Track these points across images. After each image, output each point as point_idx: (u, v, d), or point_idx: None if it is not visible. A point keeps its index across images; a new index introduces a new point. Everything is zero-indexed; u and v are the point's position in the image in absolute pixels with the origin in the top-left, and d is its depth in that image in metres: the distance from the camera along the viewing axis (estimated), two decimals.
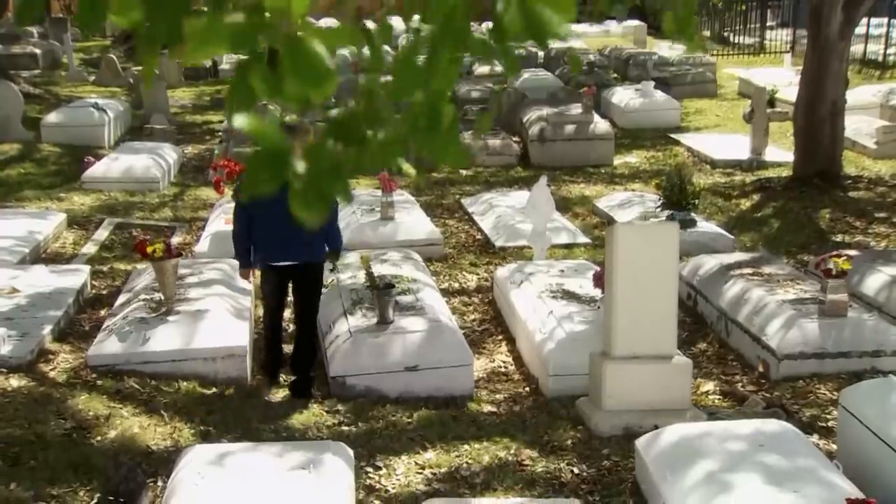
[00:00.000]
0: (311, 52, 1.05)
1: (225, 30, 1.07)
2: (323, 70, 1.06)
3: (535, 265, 7.94)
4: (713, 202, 11.24)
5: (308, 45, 1.06)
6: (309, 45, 1.06)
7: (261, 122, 1.05)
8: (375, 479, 5.13)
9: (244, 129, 1.07)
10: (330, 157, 1.09)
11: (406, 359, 6.20)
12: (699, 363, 6.93)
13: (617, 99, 16.99)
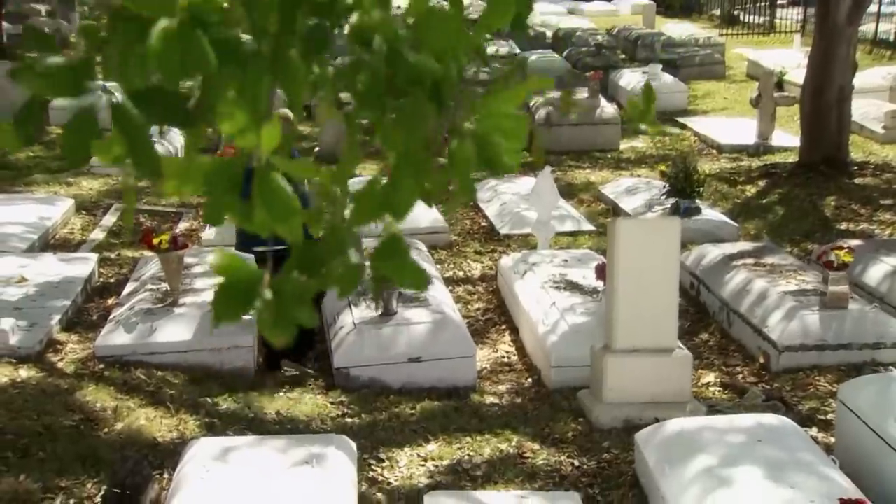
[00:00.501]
0: (278, 189, 1.11)
1: (198, 169, 1.13)
2: (289, 207, 1.12)
3: (539, 255, 7.99)
4: (718, 188, 11.25)
5: (276, 182, 1.11)
6: (277, 183, 1.11)
7: (228, 259, 1.10)
8: (378, 471, 5.21)
9: (212, 267, 1.13)
10: (295, 286, 1.15)
11: (409, 350, 6.27)
12: (701, 354, 6.99)
13: (624, 81, 16.96)
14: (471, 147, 1.20)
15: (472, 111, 1.22)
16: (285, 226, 1.15)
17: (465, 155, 1.19)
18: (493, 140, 1.22)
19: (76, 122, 1.15)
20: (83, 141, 1.13)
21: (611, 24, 26.85)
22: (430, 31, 1.20)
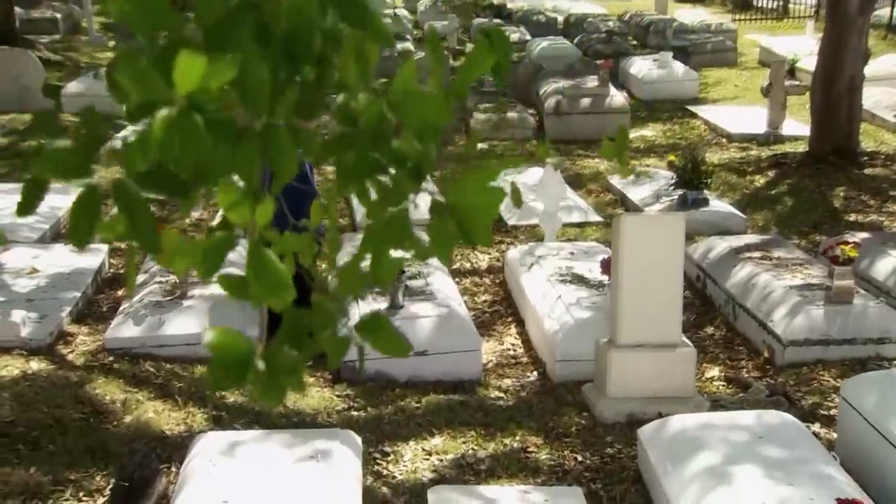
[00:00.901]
0: (271, 265, 1.16)
1: (195, 247, 1.18)
2: (282, 282, 1.17)
3: (546, 247, 8.02)
4: (727, 179, 11.24)
5: (268, 258, 1.16)
6: (269, 258, 1.16)
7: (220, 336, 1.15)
8: (383, 465, 5.28)
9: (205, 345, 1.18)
10: (286, 358, 1.20)
11: (415, 344, 6.31)
12: (706, 347, 7.02)
13: (635, 69, 16.91)
14: (451, 224, 1.26)
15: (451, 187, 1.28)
16: (276, 299, 1.20)
17: (446, 232, 1.25)
18: (469, 214, 1.27)
19: (81, 204, 1.21)
20: (88, 221, 1.19)
21: (623, 9, 26.71)
22: (412, 110, 1.25)
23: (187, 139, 1.07)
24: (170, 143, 1.07)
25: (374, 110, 1.23)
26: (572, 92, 13.67)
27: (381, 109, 1.23)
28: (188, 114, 1.07)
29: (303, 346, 1.26)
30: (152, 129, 1.07)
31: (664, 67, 16.69)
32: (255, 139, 1.16)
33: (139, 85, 1.07)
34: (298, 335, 1.25)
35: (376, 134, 1.23)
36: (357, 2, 1.18)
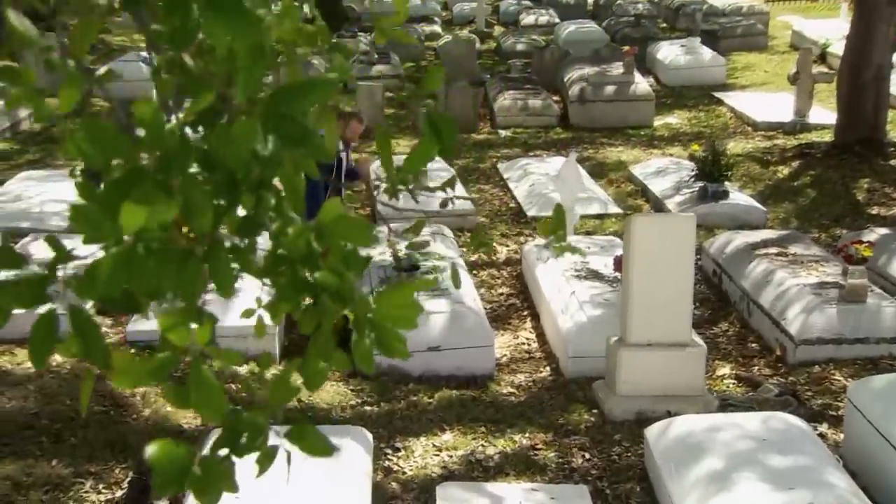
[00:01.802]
0: (207, 380, 1.26)
1: (143, 366, 1.29)
2: (216, 396, 1.27)
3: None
4: (750, 169, 11.21)
5: (206, 374, 1.27)
6: (207, 374, 1.27)
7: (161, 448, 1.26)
8: (394, 460, 5.40)
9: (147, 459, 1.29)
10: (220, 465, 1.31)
11: (429, 339, 6.43)
12: (719, 344, 7.07)
13: (662, 55, 16.83)
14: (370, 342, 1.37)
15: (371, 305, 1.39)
16: (209, 411, 1.31)
17: (365, 349, 1.37)
18: (389, 329, 1.37)
19: (38, 329, 1.33)
20: (47, 344, 1.31)
21: None
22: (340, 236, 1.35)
23: (134, 275, 1.17)
24: (117, 280, 1.17)
25: (303, 239, 1.33)
26: (597, 79, 13.67)
27: (309, 238, 1.34)
28: (134, 251, 1.17)
29: (237, 453, 1.37)
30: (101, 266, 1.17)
31: (691, 53, 16.60)
32: (198, 262, 1.26)
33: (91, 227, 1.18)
34: (232, 442, 1.35)
35: (304, 260, 1.34)
36: (296, 123, 1.27)
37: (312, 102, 1.29)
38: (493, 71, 17.22)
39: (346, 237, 1.36)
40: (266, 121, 1.23)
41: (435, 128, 1.55)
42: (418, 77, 17.70)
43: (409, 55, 18.98)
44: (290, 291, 1.34)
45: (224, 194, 1.27)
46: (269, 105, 1.24)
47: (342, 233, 1.35)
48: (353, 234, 1.36)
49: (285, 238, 1.33)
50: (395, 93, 15.79)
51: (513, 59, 17.90)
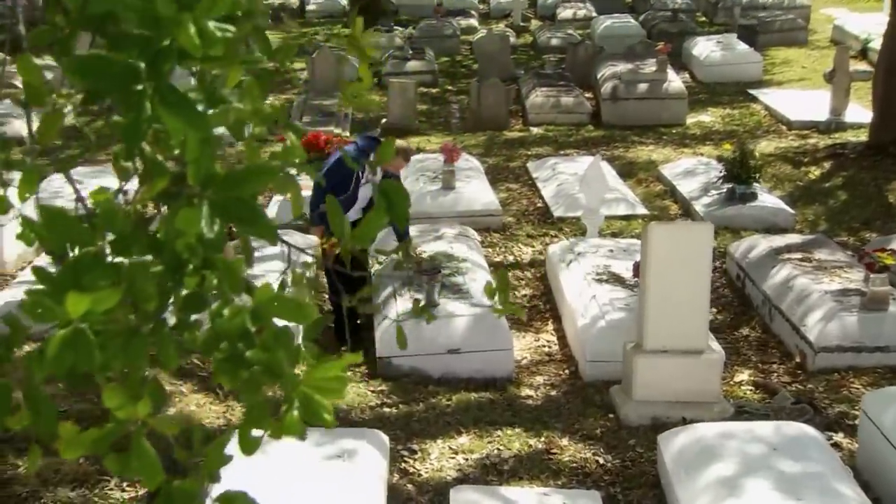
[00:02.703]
0: (147, 452, 1.38)
1: (87, 438, 1.41)
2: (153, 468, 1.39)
3: (586, 243, 8.13)
4: (781, 170, 11.15)
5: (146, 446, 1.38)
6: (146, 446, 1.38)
7: None
8: (410, 462, 5.52)
9: None
10: None
11: (449, 342, 6.54)
12: (739, 349, 7.10)
13: (697, 51, 16.71)
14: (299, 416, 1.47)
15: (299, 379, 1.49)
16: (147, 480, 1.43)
17: (293, 419, 1.47)
18: (316, 400, 1.47)
19: None
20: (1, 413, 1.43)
21: None
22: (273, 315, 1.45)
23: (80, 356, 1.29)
24: (63, 360, 1.29)
25: (239, 318, 1.44)
26: (629, 77, 13.64)
27: (244, 319, 1.44)
28: (81, 333, 1.29)
29: None
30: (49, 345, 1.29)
31: (727, 49, 16.47)
32: (143, 340, 1.38)
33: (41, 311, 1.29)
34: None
35: (240, 337, 1.44)
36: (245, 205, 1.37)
37: (258, 187, 1.40)
38: (527, 66, 17.24)
39: (282, 316, 1.47)
40: (215, 204, 1.34)
41: (387, 197, 1.65)
42: (453, 72, 17.79)
43: (445, 49, 19.05)
44: (226, 366, 1.45)
45: (170, 275, 1.38)
46: (219, 190, 1.35)
47: (277, 312, 1.45)
48: (288, 313, 1.47)
49: (221, 319, 1.44)
50: (428, 88, 15.87)
51: (548, 54, 17.90)
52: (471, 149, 12.51)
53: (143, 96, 1.25)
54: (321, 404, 1.47)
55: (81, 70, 1.26)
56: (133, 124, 1.26)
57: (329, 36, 21.94)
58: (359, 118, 14.40)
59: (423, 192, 9.61)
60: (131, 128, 1.26)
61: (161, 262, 1.38)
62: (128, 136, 1.28)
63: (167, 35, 1.24)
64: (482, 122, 13.35)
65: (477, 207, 9.38)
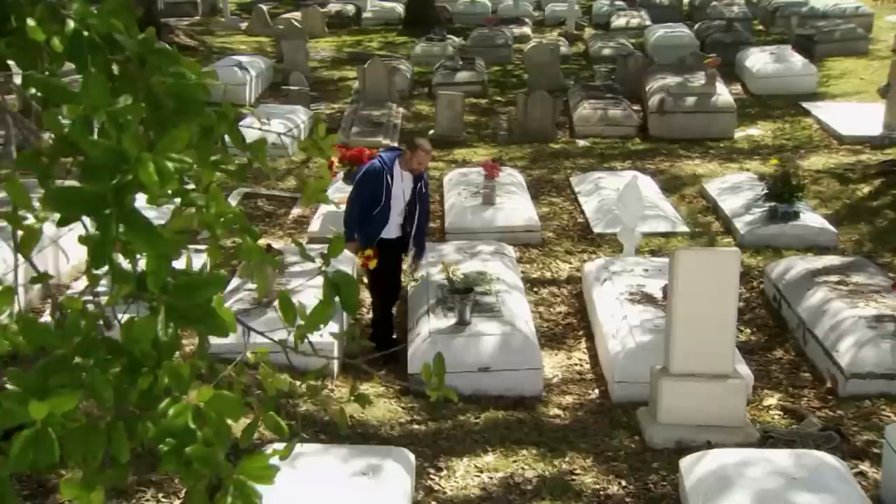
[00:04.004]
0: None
1: None
2: None
3: (622, 262, 8.19)
4: (829, 186, 11.05)
5: None
6: None
7: None
8: (435, 479, 5.66)
9: None
10: None
11: (479, 360, 6.67)
12: (771, 372, 7.11)
13: (750, 62, 16.58)
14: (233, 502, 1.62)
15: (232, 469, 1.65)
16: None
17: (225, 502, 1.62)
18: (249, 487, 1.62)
19: None
20: None
21: None
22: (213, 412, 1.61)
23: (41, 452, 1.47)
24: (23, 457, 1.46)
25: (183, 419, 1.60)
26: (677, 90, 13.62)
27: (187, 418, 1.60)
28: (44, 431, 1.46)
29: None
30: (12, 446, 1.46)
31: (781, 61, 16.30)
32: (100, 435, 1.55)
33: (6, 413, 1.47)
34: None
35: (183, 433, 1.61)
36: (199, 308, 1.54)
37: (208, 295, 1.56)
38: (577, 77, 17.28)
39: (221, 412, 1.63)
40: (172, 308, 1.51)
41: (335, 288, 1.80)
42: (503, 82, 17.89)
43: (496, 59, 19.16)
44: (170, 457, 1.61)
45: (127, 376, 1.55)
46: (175, 296, 1.52)
47: (216, 409, 1.61)
48: (227, 410, 1.63)
49: (167, 417, 1.60)
50: (477, 99, 16.00)
51: (600, 63, 17.91)
52: (516, 161, 12.63)
53: (110, 219, 1.42)
54: (253, 490, 1.62)
55: (58, 199, 1.44)
56: (101, 241, 1.43)
57: (383, 44, 22.21)
58: (408, 129, 14.60)
59: (464, 207, 9.75)
60: (100, 244, 1.44)
61: (120, 364, 1.55)
62: (97, 250, 1.45)
63: (130, 171, 1.42)
64: (528, 134, 13.44)
65: (517, 223, 9.49)
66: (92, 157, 1.42)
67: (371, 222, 7.12)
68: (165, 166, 1.45)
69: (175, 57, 1.66)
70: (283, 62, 18.25)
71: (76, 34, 1.51)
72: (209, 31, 24.30)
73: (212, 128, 1.75)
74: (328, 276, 1.87)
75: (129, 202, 1.45)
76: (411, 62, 18.68)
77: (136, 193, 1.47)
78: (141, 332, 1.51)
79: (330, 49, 21.93)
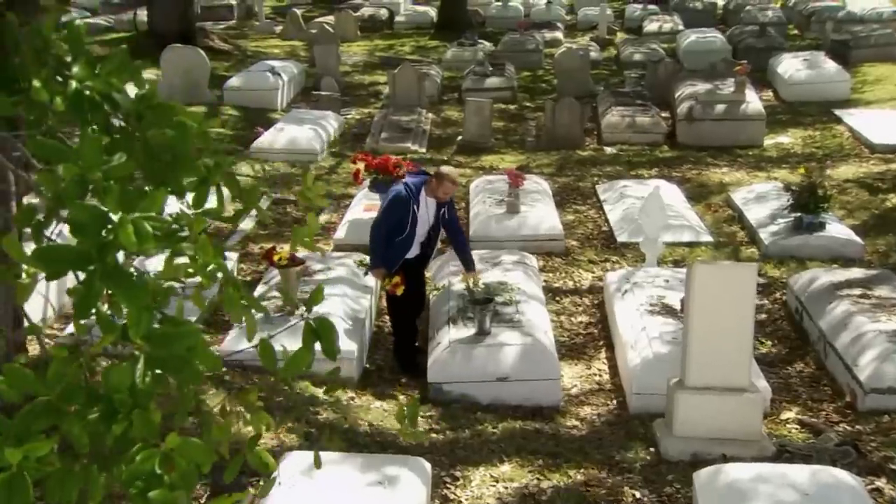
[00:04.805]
0: None
1: None
2: None
3: (644, 272, 8.23)
4: (857, 196, 10.98)
5: None
6: None
7: None
8: (451, 489, 5.74)
9: None
10: None
11: (498, 370, 6.75)
12: (791, 384, 7.11)
13: (782, 69, 16.48)
14: None
15: None
16: None
17: None
18: None
19: None
20: None
21: None
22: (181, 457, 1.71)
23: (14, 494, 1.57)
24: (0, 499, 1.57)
25: (150, 464, 1.70)
26: (706, 97, 13.59)
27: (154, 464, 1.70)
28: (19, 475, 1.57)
29: None
30: None
31: (813, 67, 16.18)
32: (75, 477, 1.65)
33: None
34: None
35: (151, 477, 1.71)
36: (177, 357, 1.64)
37: (186, 346, 1.66)
38: (607, 82, 17.28)
39: (189, 457, 1.73)
40: (151, 357, 1.62)
41: (315, 334, 1.90)
42: (533, 87, 17.94)
43: (527, 64, 19.21)
44: (138, 500, 1.71)
45: (104, 421, 1.66)
46: (155, 346, 1.62)
47: (185, 454, 1.72)
48: (195, 455, 1.73)
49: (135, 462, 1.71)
50: (506, 105, 16.07)
51: (631, 68, 17.90)
52: (542, 168, 12.68)
53: (94, 275, 1.53)
54: None
55: (45, 257, 1.56)
56: (86, 295, 1.54)
57: (415, 49, 22.33)
58: (436, 135, 14.70)
59: (489, 216, 9.82)
60: (85, 297, 1.55)
61: (98, 410, 1.66)
62: (82, 303, 1.56)
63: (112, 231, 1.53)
64: (556, 141, 13.49)
65: (540, 232, 9.55)
66: (78, 218, 1.53)
67: (393, 248, 7.15)
68: (144, 227, 1.56)
69: (172, 110, 1.77)
70: (316, 67, 18.44)
71: (77, 94, 1.62)
72: (244, 35, 24.58)
73: (206, 178, 1.85)
74: (309, 322, 1.97)
75: (111, 259, 1.56)
76: (442, 67, 18.79)
77: (119, 251, 1.58)
78: (119, 380, 1.62)
79: (362, 53, 22.10)
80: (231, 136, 14.30)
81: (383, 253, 7.18)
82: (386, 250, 7.15)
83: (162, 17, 20.11)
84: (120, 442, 1.72)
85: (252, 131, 14.11)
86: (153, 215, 1.61)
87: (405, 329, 7.48)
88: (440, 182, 7.08)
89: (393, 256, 7.15)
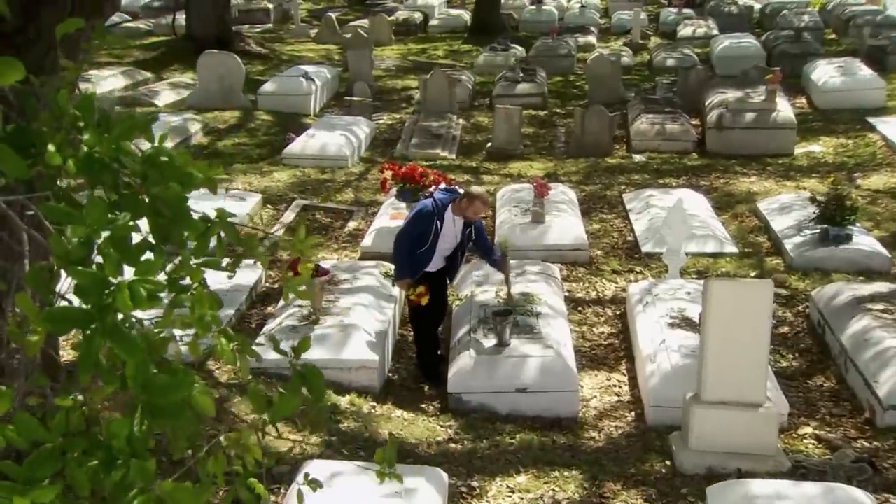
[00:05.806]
0: None
1: None
2: None
3: (666, 284, 8.28)
4: (886, 208, 10.92)
5: None
6: None
7: None
8: (468, 499, 5.86)
9: None
10: None
11: (517, 381, 6.85)
12: (811, 399, 7.13)
13: (816, 75, 16.36)
14: None
15: None
16: None
17: None
18: None
19: None
20: None
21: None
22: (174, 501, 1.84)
23: None
24: None
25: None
26: (736, 105, 13.56)
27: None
28: None
29: None
30: None
31: (848, 74, 16.06)
32: None
33: None
34: None
35: None
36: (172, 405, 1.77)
37: (182, 395, 1.79)
38: (639, 88, 17.28)
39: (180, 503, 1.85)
40: (148, 406, 1.75)
41: (302, 379, 2.02)
42: (564, 93, 17.98)
43: (559, 69, 19.25)
44: None
45: (103, 467, 1.79)
46: (152, 396, 1.76)
47: (176, 500, 1.85)
48: (187, 500, 1.86)
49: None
50: (536, 111, 16.13)
51: (663, 74, 17.88)
52: (570, 175, 12.74)
53: (95, 333, 1.67)
54: None
55: (49, 318, 1.70)
56: (87, 352, 1.68)
57: (448, 53, 22.44)
58: (466, 141, 14.82)
59: (513, 225, 9.91)
60: (86, 354, 1.69)
61: (98, 457, 1.80)
62: (85, 359, 1.70)
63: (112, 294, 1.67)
64: (585, 148, 13.54)
65: (565, 242, 9.62)
66: (81, 282, 1.68)
67: (414, 259, 7.27)
68: (139, 291, 1.70)
69: (176, 168, 1.90)
70: (349, 71, 18.63)
71: (88, 157, 1.77)
72: (279, 39, 24.86)
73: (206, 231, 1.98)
74: (296, 368, 2.10)
75: (111, 319, 1.70)
76: (473, 72, 18.89)
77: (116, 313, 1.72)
78: (118, 429, 1.76)
79: (395, 57, 22.26)
80: (263, 142, 14.52)
81: (407, 262, 7.30)
82: (408, 260, 7.29)
83: (200, 21, 20.46)
84: (118, 487, 1.86)
85: (284, 136, 14.32)
86: (150, 279, 1.75)
87: (426, 339, 7.60)
88: (471, 202, 7.15)
89: (413, 267, 7.28)
